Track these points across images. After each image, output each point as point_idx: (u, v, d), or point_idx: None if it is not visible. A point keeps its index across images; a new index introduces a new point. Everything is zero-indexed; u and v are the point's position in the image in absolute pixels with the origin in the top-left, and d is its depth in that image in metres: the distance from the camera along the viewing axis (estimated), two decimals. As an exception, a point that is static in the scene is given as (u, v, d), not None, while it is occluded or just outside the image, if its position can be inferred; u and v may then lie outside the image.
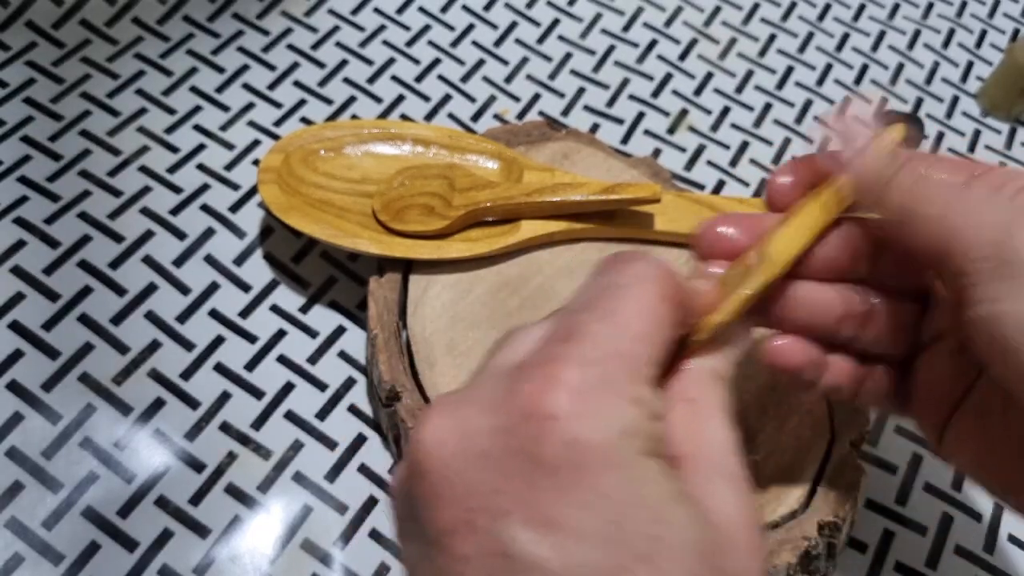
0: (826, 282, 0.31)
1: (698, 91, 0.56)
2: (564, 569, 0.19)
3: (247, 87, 0.51)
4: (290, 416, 0.42)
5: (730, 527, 0.22)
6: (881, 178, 0.28)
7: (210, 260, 0.45)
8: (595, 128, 0.54)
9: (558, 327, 0.23)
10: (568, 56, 0.56)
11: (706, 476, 0.23)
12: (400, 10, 0.56)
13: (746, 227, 0.31)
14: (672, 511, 0.21)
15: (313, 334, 0.44)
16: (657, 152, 0.53)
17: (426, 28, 0.56)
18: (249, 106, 0.51)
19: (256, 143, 0.50)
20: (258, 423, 0.41)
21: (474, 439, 0.21)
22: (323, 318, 0.45)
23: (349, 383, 0.43)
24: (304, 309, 0.45)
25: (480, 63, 0.55)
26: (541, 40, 0.57)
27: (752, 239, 0.30)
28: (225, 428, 0.41)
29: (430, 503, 0.21)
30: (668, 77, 0.57)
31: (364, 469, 0.41)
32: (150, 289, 0.44)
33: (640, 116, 0.55)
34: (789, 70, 0.58)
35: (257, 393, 0.42)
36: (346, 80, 0.53)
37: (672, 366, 0.26)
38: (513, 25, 0.57)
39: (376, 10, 0.56)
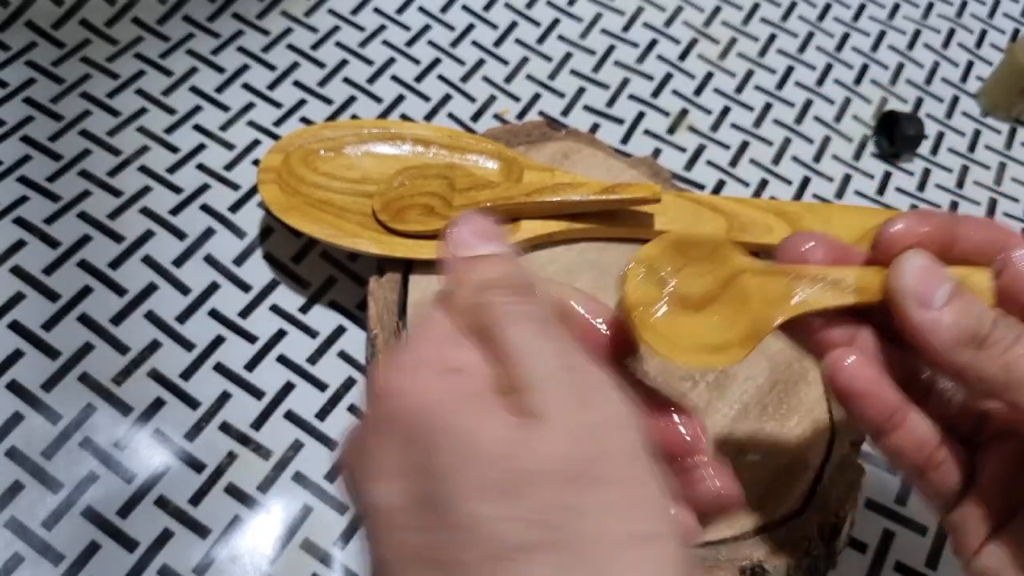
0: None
1: (698, 91, 0.56)
2: (403, 501, 0.22)
3: (247, 87, 0.51)
4: (290, 416, 0.42)
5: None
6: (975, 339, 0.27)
7: (210, 260, 0.45)
8: (595, 128, 0.54)
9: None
10: (568, 56, 0.56)
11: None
12: (400, 10, 0.56)
13: (831, 250, 0.30)
14: (465, 420, 0.22)
15: (313, 334, 0.44)
16: (657, 152, 0.53)
17: (426, 28, 0.56)
18: (249, 106, 0.51)
19: (256, 143, 0.50)
20: (258, 423, 0.41)
21: (357, 436, 0.25)
22: (323, 318, 0.45)
23: (349, 383, 0.43)
24: (304, 309, 0.45)
25: (480, 63, 0.55)
26: (541, 40, 0.57)
27: (834, 262, 0.30)
28: (225, 428, 0.41)
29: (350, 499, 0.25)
30: (668, 77, 0.57)
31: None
32: (150, 289, 0.44)
33: (640, 116, 0.55)
34: (789, 70, 0.58)
35: (257, 393, 0.42)
36: (346, 80, 0.53)
37: None
38: (513, 25, 0.57)
39: (376, 10, 0.56)
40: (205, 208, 0.47)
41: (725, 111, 0.56)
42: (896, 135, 0.55)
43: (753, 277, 0.29)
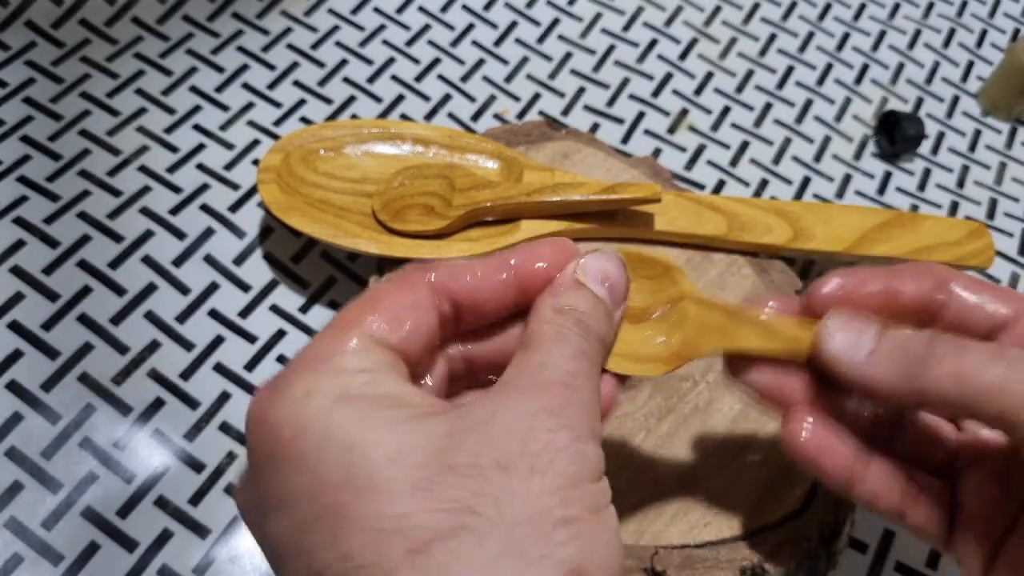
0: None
1: (698, 91, 0.56)
2: (295, 533, 0.22)
3: (247, 87, 0.51)
4: (290, 416, 0.42)
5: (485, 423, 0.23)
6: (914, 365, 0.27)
7: (210, 260, 0.45)
8: (595, 128, 0.54)
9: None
10: (568, 56, 0.56)
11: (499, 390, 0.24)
12: (400, 10, 0.56)
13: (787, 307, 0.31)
14: (364, 435, 0.22)
15: (313, 334, 0.44)
16: (657, 152, 0.53)
17: (426, 28, 0.56)
18: (249, 106, 0.51)
19: (256, 143, 0.50)
20: (258, 423, 0.41)
21: (247, 475, 0.25)
22: (323, 318, 0.45)
23: (349, 383, 0.43)
24: (304, 309, 0.45)
25: (480, 63, 0.55)
26: (541, 40, 0.57)
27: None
28: (225, 428, 0.41)
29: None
30: (668, 77, 0.56)
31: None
32: (150, 289, 0.44)
33: (640, 116, 0.55)
34: (789, 70, 0.58)
35: (257, 393, 0.42)
36: (346, 80, 0.53)
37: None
38: (513, 25, 0.57)
39: (376, 10, 0.56)
40: (205, 208, 0.47)
41: (725, 111, 0.56)
42: (896, 135, 0.55)
43: (694, 304, 0.30)
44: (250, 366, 0.43)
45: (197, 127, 0.49)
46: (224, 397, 0.42)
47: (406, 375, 0.25)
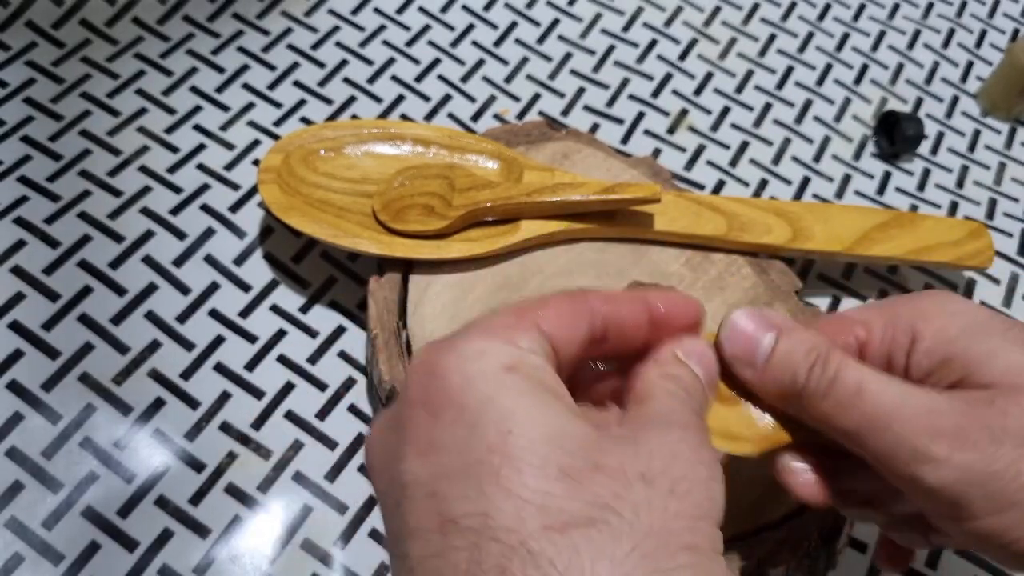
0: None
1: (698, 91, 0.56)
2: (432, 479, 0.23)
3: (247, 87, 0.51)
4: (290, 416, 0.42)
5: (615, 432, 0.25)
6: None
7: (210, 260, 0.45)
8: (595, 128, 0.54)
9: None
10: (568, 56, 0.56)
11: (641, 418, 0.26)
12: (400, 10, 0.56)
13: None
14: (526, 409, 0.23)
15: (313, 334, 0.44)
16: (657, 152, 0.53)
17: (426, 28, 0.56)
18: (249, 106, 0.51)
19: (256, 143, 0.50)
20: (258, 423, 0.41)
21: (387, 417, 0.26)
22: (323, 318, 0.45)
23: (349, 383, 0.43)
24: (304, 309, 0.45)
25: (480, 63, 0.55)
26: (541, 40, 0.57)
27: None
28: (225, 428, 0.41)
29: (372, 481, 0.27)
30: (668, 77, 0.57)
31: (364, 469, 0.41)
32: (150, 289, 0.44)
33: (640, 116, 0.55)
34: (789, 70, 0.58)
35: (257, 393, 0.42)
36: (346, 80, 0.53)
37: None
38: (513, 25, 0.57)
39: (376, 10, 0.56)
40: (205, 208, 0.47)
41: (725, 111, 0.56)
42: (896, 135, 0.55)
43: None
44: (250, 366, 0.43)
45: (197, 127, 0.50)
46: (224, 397, 0.42)
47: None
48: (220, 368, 0.42)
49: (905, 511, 0.31)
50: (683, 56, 0.58)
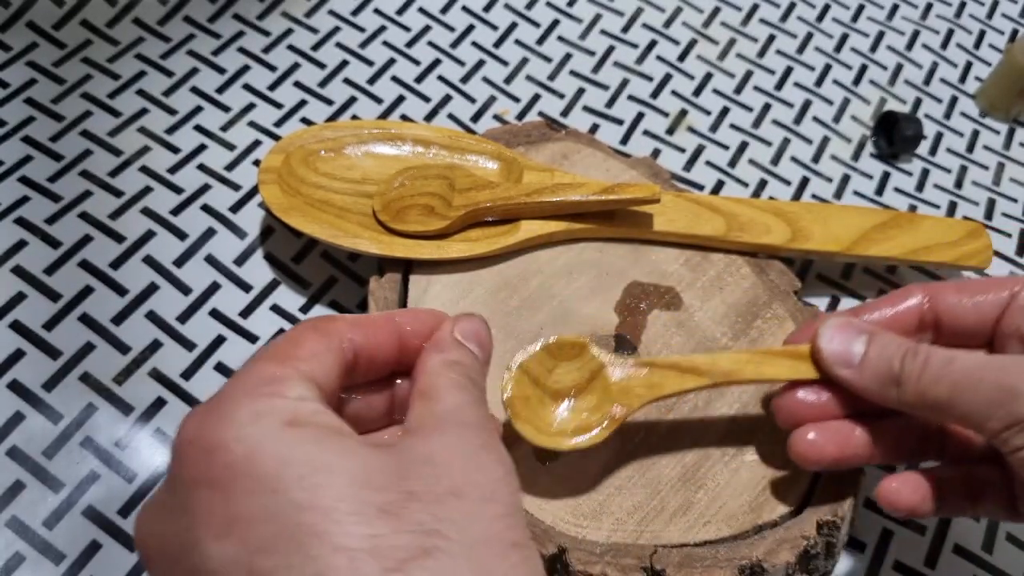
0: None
1: (697, 91, 0.56)
2: (246, 556, 0.22)
3: (248, 88, 0.52)
4: (291, 416, 0.42)
5: (417, 457, 0.24)
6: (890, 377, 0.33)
7: (211, 260, 0.45)
8: (595, 128, 0.54)
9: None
10: (568, 57, 0.56)
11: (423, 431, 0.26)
12: (400, 11, 0.56)
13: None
14: (324, 459, 0.23)
15: (313, 334, 0.44)
16: (656, 152, 0.53)
17: (426, 29, 0.56)
18: (250, 107, 0.51)
19: (257, 143, 0.50)
20: (259, 423, 0.41)
21: (157, 505, 0.25)
22: (323, 318, 0.45)
23: (349, 383, 0.43)
24: (304, 309, 0.45)
25: (480, 64, 0.55)
26: (541, 41, 0.57)
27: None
28: (226, 428, 0.41)
29: None
30: (667, 78, 0.57)
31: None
32: (151, 289, 0.44)
33: (639, 116, 0.55)
34: (788, 70, 0.59)
35: (258, 393, 0.42)
36: (346, 81, 0.53)
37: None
38: (513, 26, 0.57)
39: (376, 11, 0.56)
40: (206, 208, 0.47)
41: (724, 111, 0.56)
42: (895, 135, 0.55)
43: (611, 369, 0.35)
44: (251, 366, 0.43)
45: (198, 128, 0.50)
46: (225, 397, 0.42)
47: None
48: (221, 368, 0.43)
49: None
50: (682, 57, 0.58)
